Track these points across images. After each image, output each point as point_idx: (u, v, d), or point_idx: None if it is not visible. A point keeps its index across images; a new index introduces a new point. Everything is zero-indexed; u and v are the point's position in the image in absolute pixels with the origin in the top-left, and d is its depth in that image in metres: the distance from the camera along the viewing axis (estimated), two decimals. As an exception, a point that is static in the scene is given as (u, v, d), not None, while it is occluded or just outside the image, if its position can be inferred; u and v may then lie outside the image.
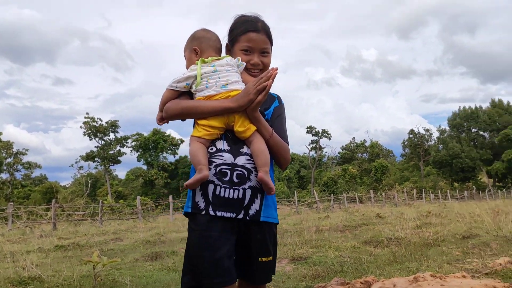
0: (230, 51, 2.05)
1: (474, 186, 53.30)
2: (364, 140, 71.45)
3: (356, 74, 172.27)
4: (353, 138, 73.34)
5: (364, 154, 69.77)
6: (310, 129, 64.97)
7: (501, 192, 48.60)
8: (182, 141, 58.31)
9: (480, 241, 7.35)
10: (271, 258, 1.95)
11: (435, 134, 67.90)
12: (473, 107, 65.03)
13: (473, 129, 63.86)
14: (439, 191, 44.60)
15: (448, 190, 46.40)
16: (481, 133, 63.75)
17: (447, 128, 65.96)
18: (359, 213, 17.79)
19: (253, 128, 1.85)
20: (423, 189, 43.11)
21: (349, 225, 11.76)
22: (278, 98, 2.10)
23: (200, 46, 1.98)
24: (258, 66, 1.99)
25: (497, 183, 59.38)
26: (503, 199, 34.27)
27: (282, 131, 1.99)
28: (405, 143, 70.70)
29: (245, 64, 1.95)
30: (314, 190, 40.63)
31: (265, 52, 2.00)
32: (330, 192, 41.04)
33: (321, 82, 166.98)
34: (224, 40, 2.07)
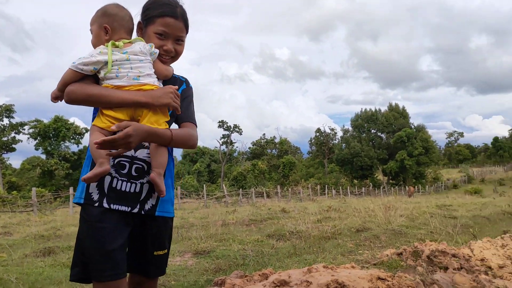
0: (142, 29, 1.94)
1: (371, 183, 57.52)
2: (274, 136, 73.62)
3: (268, 71, 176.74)
4: (264, 134, 75.44)
5: (274, 150, 71.86)
6: (222, 124, 65.25)
7: (394, 189, 52.99)
8: (86, 130, 55.04)
9: (371, 234, 7.94)
10: (165, 251, 1.93)
11: (339, 134, 72.05)
12: (373, 109, 70.00)
13: (373, 130, 68.75)
14: (340, 187, 47.44)
15: (348, 187, 49.49)
16: (379, 134, 68.87)
17: (350, 128, 70.27)
18: (266, 208, 18.26)
19: (161, 127, 1.77)
20: (326, 185, 45.48)
21: (255, 219, 12.02)
22: (186, 81, 2.04)
23: (111, 25, 1.81)
24: (170, 53, 1.92)
25: (390, 181, 64.61)
26: (395, 195, 37.41)
27: (189, 112, 1.95)
28: (312, 141, 74.02)
29: (158, 52, 1.87)
30: (224, 185, 40.95)
31: (180, 40, 1.93)
32: (239, 187, 41.65)
33: (234, 77, 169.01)
34: (136, 16, 1.94)
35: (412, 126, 66.84)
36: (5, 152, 51.50)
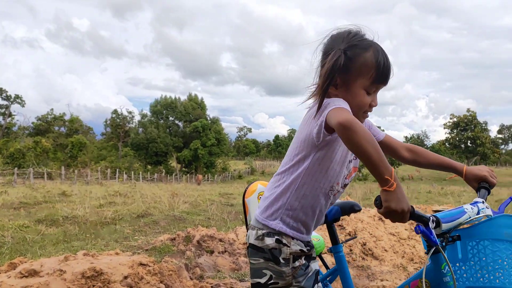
0: None
1: (164, 170, 58.22)
2: (64, 113, 67.26)
3: (63, 41, 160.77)
4: (52, 109, 67.95)
5: (62, 128, 65.71)
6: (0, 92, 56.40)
7: (186, 176, 54.91)
8: None
9: (152, 220, 7.99)
10: None
11: (137, 118, 70.59)
12: (173, 97, 70.84)
13: (171, 118, 69.48)
14: (133, 172, 46.58)
15: (141, 172, 48.98)
16: (176, 122, 70.04)
17: (149, 113, 69.51)
18: (44, 190, 16.56)
19: None
20: (118, 169, 44.00)
21: (27, 203, 10.76)
22: None
23: None
24: None
25: (183, 168, 66.62)
26: (185, 182, 38.80)
27: None
28: (107, 123, 70.63)
29: None
30: (-5, 162, 35.47)
31: None
32: (15, 165, 36.61)
33: (21, 41, 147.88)
34: None
35: (208, 118, 70.22)
36: None
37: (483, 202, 1.57)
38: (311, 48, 1.52)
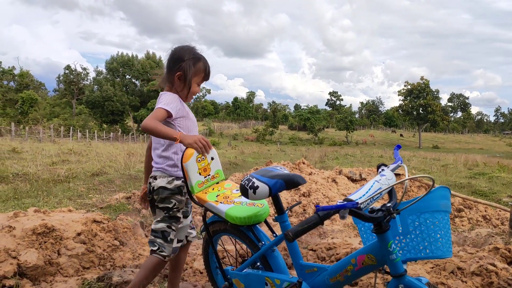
0: None
1: (120, 129, 56.87)
2: (13, 66, 63.57)
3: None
4: (0, 62, 64.04)
5: (11, 83, 62.29)
6: None
7: (142, 136, 53.97)
8: None
9: (107, 178, 7.88)
10: None
11: (92, 74, 67.89)
12: (130, 54, 68.31)
13: (127, 76, 67.33)
14: (88, 130, 45.29)
15: (96, 131, 47.67)
16: (133, 80, 68.02)
17: (104, 71, 66.98)
18: (-8, 147, 15.83)
19: None
20: (72, 127, 42.62)
21: (-27, 159, 10.28)
22: None
23: None
24: None
25: (140, 128, 65.48)
26: (142, 142, 38.17)
27: None
28: (60, 78, 67.59)
29: None
30: None
31: None
32: (-41, 121, 34.62)
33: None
34: None
35: (166, 77, 68.47)
36: None
37: (386, 168, 1.70)
38: (272, 9, 1.52)
